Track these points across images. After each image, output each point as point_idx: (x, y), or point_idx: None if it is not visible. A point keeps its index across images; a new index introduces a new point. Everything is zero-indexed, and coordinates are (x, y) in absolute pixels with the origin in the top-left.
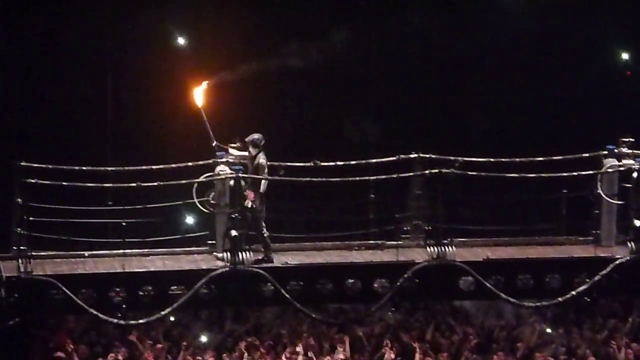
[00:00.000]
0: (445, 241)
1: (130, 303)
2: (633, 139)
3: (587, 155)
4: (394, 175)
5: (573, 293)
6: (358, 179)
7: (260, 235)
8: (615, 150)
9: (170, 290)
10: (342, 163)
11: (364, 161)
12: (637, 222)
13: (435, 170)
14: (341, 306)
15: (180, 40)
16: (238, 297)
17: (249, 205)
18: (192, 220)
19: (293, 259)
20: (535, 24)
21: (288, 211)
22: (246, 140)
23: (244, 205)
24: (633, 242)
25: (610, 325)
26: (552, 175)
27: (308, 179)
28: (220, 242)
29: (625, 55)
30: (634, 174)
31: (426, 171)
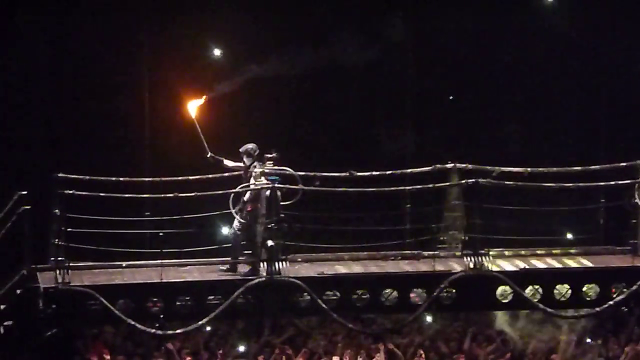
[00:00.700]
0: (482, 251)
1: (167, 313)
2: None
3: (625, 164)
4: (430, 185)
5: (610, 303)
6: (394, 189)
7: (253, 246)
8: None
9: (207, 300)
10: (378, 173)
11: (399, 171)
12: None
13: (472, 180)
14: (377, 316)
15: (217, 51)
16: (275, 307)
17: (245, 215)
18: (229, 230)
19: (329, 269)
20: (574, 32)
21: (324, 221)
22: (240, 150)
23: (280, 216)
24: None
25: None
26: (589, 185)
27: (344, 189)
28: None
29: None
30: None
31: (463, 181)
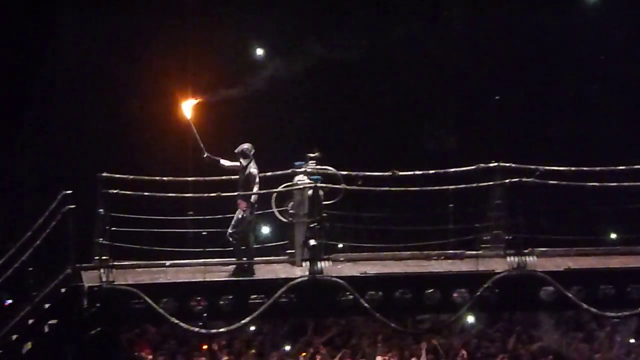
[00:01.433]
0: (525, 251)
1: (211, 312)
2: None
3: None
4: (474, 185)
5: None
6: (437, 188)
7: (247, 245)
8: None
9: (250, 299)
10: (421, 172)
11: (443, 170)
12: None
13: (516, 179)
14: (420, 316)
15: (259, 50)
16: (317, 307)
17: (240, 215)
18: (271, 230)
19: (372, 268)
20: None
21: (366, 221)
22: (235, 151)
23: (322, 215)
24: None
25: None
26: (633, 184)
27: (386, 188)
28: (299, 252)
29: None
30: None
31: (506, 180)
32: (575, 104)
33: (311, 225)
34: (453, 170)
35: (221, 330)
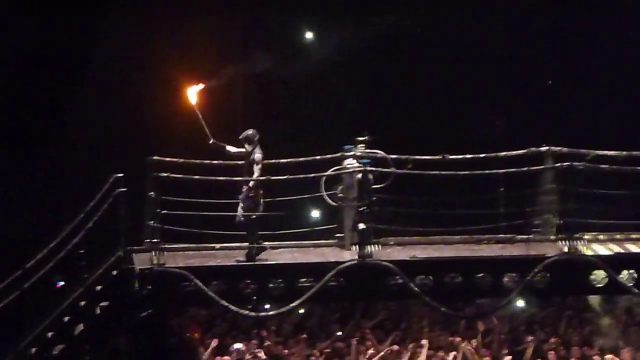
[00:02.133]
0: (576, 235)
1: (260, 295)
2: None
3: None
4: (525, 169)
5: None
6: (488, 172)
7: (250, 229)
8: None
9: (299, 282)
10: (471, 156)
11: (493, 154)
12: None
13: (567, 163)
14: (470, 300)
15: (309, 35)
16: (366, 291)
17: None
18: (320, 213)
19: (421, 252)
20: None
21: (416, 205)
22: (240, 137)
23: (372, 199)
24: None
25: None
26: None
27: (436, 172)
28: (348, 235)
29: None
30: None
31: (557, 164)
32: (627, 88)
33: (360, 209)
34: (504, 154)
35: (271, 313)
